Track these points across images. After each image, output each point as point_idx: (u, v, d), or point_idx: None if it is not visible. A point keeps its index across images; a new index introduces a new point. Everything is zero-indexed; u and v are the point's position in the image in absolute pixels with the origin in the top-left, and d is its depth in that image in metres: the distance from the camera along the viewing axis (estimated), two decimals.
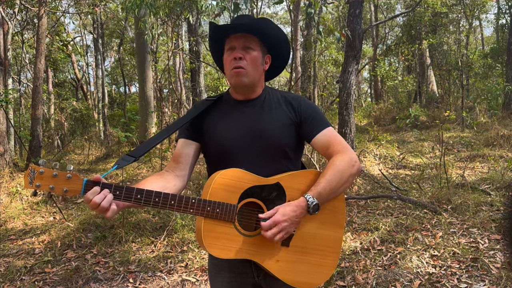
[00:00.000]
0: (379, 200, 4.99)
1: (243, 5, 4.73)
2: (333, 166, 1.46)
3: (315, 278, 1.50)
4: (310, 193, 1.41)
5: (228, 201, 1.38)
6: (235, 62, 1.51)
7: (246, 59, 1.51)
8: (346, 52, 6.25)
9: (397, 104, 14.61)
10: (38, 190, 1.28)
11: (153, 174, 1.52)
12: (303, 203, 1.40)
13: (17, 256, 4.10)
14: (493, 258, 3.27)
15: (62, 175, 1.29)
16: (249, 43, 1.52)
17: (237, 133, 1.53)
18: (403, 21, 16.53)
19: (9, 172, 6.58)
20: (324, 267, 1.52)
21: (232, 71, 1.52)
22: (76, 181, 1.29)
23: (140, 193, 1.32)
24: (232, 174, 1.41)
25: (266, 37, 1.56)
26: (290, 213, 1.37)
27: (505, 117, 10.08)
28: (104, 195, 1.28)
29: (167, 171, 1.56)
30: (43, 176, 1.27)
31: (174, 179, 1.52)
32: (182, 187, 1.54)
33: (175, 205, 1.34)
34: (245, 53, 1.51)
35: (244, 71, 1.51)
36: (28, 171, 1.27)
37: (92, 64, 21.88)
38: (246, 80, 1.53)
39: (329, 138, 1.53)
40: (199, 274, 3.54)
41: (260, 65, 1.56)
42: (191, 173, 1.60)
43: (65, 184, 1.28)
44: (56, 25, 14.60)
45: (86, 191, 1.29)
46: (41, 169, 1.27)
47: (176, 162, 1.57)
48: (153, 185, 1.40)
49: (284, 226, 1.36)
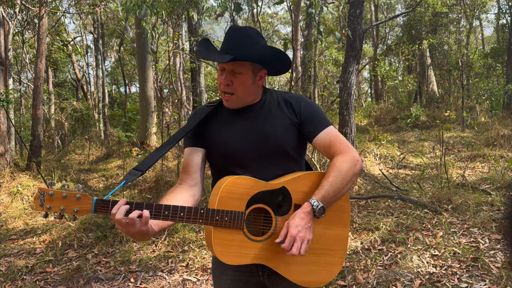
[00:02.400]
0: (379, 200, 4.99)
1: (244, 5, 4.73)
2: (336, 168, 1.46)
3: (323, 276, 1.52)
4: (314, 197, 1.42)
5: (236, 208, 1.39)
6: (224, 87, 1.51)
7: (234, 84, 1.49)
8: (346, 52, 6.25)
9: (398, 104, 14.60)
10: (49, 212, 1.30)
11: (168, 192, 1.52)
12: (308, 208, 1.40)
13: (18, 256, 4.11)
14: (493, 258, 3.27)
15: (72, 196, 1.30)
16: (238, 69, 1.48)
17: (240, 138, 1.54)
18: (403, 21, 16.53)
19: (9, 172, 6.58)
20: (332, 265, 1.54)
21: (222, 96, 1.53)
22: (86, 201, 1.31)
23: (149, 208, 1.33)
24: (238, 182, 1.42)
25: (255, 58, 1.50)
26: (300, 223, 1.38)
27: (505, 117, 10.08)
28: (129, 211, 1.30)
29: (180, 184, 1.56)
30: (53, 198, 1.29)
31: (189, 189, 1.53)
32: (199, 195, 1.56)
33: (184, 217, 1.36)
34: (233, 78, 1.49)
35: (234, 97, 1.51)
36: (38, 194, 1.29)
37: (92, 64, 21.88)
38: (236, 104, 1.54)
39: (330, 137, 1.53)
40: (200, 274, 3.55)
41: (251, 85, 1.52)
42: (203, 179, 1.61)
43: (76, 205, 1.30)
44: (56, 25, 14.61)
45: (96, 210, 1.31)
46: (51, 191, 1.29)
47: (186, 172, 1.58)
48: (172, 203, 1.40)
49: (302, 236, 1.37)
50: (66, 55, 17.33)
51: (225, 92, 1.50)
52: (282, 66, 1.58)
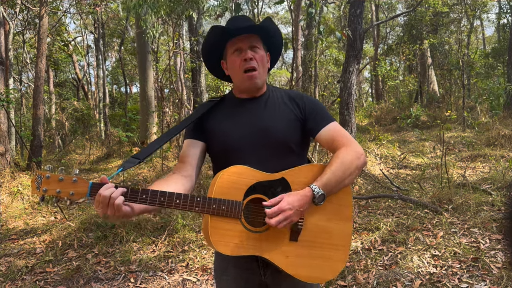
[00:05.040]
0: (380, 200, 4.99)
1: (245, 5, 4.73)
2: (338, 158, 1.46)
3: (325, 272, 1.49)
4: (315, 183, 1.41)
5: (234, 197, 1.38)
6: (246, 63, 1.50)
7: (256, 59, 1.51)
8: (347, 52, 6.25)
9: (398, 104, 14.60)
10: (46, 194, 1.30)
11: (162, 177, 1.51)
12: (308, 193, 1.39)
13: (18, 255, 4.11)
14: (494, 258, 3.27)
15: (68, 179, 1.31)
16: (255, 43, 1.53)
17: (242, 131, 1.53)
18: (404, 20, 16.52)
19: (10, 172, 6.59)
20: (334, 261, 1.50)
21: (246, 75, 1.51)
22: (82, 184, 1.31)
23: (145, 194, 1.32)
24: (237, 171, 1.41)
25: (267, 35, 1.57)
26: (295, 202, 1.37)
27: (506, 117, 10.07)
28: (112, 191, 1.29)
29: (174, 172, 1.55)
30: (50, 181, 1.29)
31: (182, 179, 1.52)
32: (190, 187, 1.53)
33: (180, 204, 1.35)
34: (254, 53, 1.51)
35: (257, 73, 1.51)
36: (35, 177, 1.29)
37: (93, 64, 21.92)
38: (259, 82, 1.54)
39: (333, 132, 1.53)
40: (200, 274, 3.54)
41: (266, 64, 1.58)
42: (198, 173, 1.60)
43: (71, 188, 1.31)
44: (57, 25, 14.62)
45: (92, 193, 1.30)
46: (47, 174, 1.30)
47: (183, 162, 1.57)
48: (163, 189, 1.39)
49: (289, 215, 1.35)
50: (67, 55, 17.34)
51: (249, 68, 1.50)
52: (279, 48, 1.65)
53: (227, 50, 1.56)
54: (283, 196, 1.38)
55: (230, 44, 1.54)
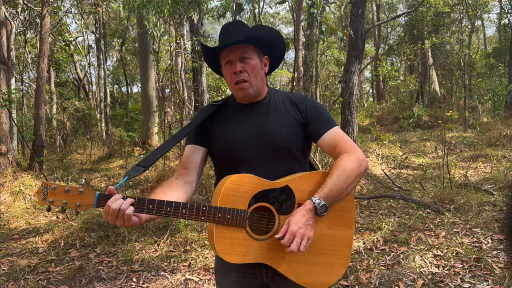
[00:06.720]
0: (382, 200, 4.99)
1: (246, 5, 4.73)
2: (340, 167, 1.45)
3: (327, 277, 1.50)
4: (316, 195, 1.41)
5: (238, 206, 1.39)
6: (236, 76, 1.51)
7: (246, 70, 1.51)
8: (348, 52, 6.25)
9: (399, 104, 14.59)
10: (52, 205, 1.29)
11: (164, 184, 1.52)
12: (310, 206, 1.39)
13: (20, 255, 4.12)
14: (496, 258, 3.27)
15: (74, 190, 1.30)
16: (245, 53, 1.52)
17: (244, 136, 1.53)
18: (405, 21, 16.50)
19: (12, 172, 6.60)
20: (336, 266, 1.52)
21: (236, 86, 1.53)
22: (89, 195, 1.31)
23: (152, 204, 1.33)
24: (241, 180, 1.41)
25: (260, 41, 1.57)
26: (301, 219, 1.37)
27: (507, 117, 10.06)
28: (121, 203, 1.30)
29: (176, 178, 1.56)
30: (56, 192, 1.29)
31: (184, 186, 1.53)
32: (192, 193, 1.55)
33: (186, 214, 1.35)
34: (243, 64, 1.52)
35: (247, 84, 1.52)
36: (41, 188, 1.29)
37: (94, 63, 21.93)
38: (251, 91, 1.54)
39: (336, 137, 1.53)
40: (202, 274, 3.55)
41: (260, 71, 1.57)
42: (199, 178, 1.61)
43: (78, 199, 1.30)
44: (58, 25, 14.63)
45: (98, 205, 1.31)
46: (54, 185, 1.29)
47: (185, 168, 1.57)
48: (168, 196, 1.41)
49: (302, 233, 1.35)
50: (68, 55, 17.35)
51: (239, 81, 1.51)
52: (280, 47, 1.62)
53: (221, 61, 1.58)
54: (288, 220, 1.39)
55: (223, 56, 1.56)
